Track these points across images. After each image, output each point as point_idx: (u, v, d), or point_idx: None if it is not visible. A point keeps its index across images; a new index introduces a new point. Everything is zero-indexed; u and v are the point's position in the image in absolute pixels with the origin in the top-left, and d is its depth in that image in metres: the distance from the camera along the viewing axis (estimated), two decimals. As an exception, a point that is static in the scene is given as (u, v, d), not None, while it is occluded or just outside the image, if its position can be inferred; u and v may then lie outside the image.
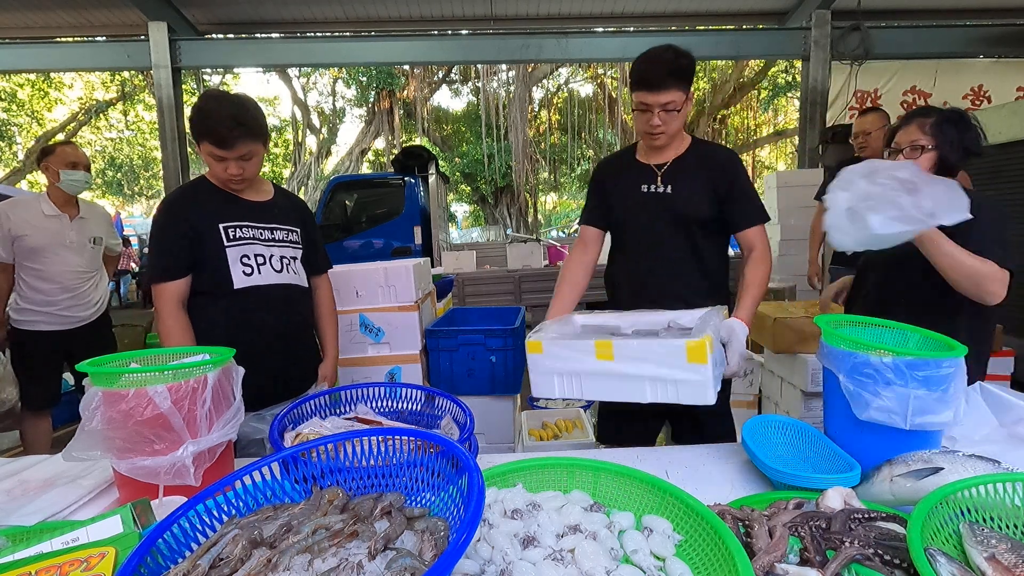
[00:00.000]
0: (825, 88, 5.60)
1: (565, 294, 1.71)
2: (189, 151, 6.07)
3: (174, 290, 1.52)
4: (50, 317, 2.71)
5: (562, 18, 6.22)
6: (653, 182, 1.66)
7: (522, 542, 0.78)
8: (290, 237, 1.69)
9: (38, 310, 2.69)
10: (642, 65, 1.51)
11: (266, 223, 1.64)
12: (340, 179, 8.22)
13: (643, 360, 1.15)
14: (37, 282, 2.67)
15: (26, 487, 1.16)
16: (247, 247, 1.58)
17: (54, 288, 2.69)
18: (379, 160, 18.74)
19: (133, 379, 1.01)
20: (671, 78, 1.48)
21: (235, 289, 1.56)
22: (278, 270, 1.63)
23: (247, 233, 1.59)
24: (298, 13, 5.94)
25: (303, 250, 1.74)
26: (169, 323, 1.51)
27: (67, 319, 2.75)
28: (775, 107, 17.78)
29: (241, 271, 1.57)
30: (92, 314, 2.86)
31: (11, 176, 14.81)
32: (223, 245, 1.55)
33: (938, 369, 1.02)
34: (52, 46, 5.84)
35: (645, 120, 1.56)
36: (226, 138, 1.47)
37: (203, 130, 1.48)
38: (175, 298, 1.52)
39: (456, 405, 1.34)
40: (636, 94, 1.54)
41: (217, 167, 1.53)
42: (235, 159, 1.50)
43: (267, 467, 0.83)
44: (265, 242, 1.62)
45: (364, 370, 2.58)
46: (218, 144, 1.48)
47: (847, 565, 0.73)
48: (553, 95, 19.12)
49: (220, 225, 1.55)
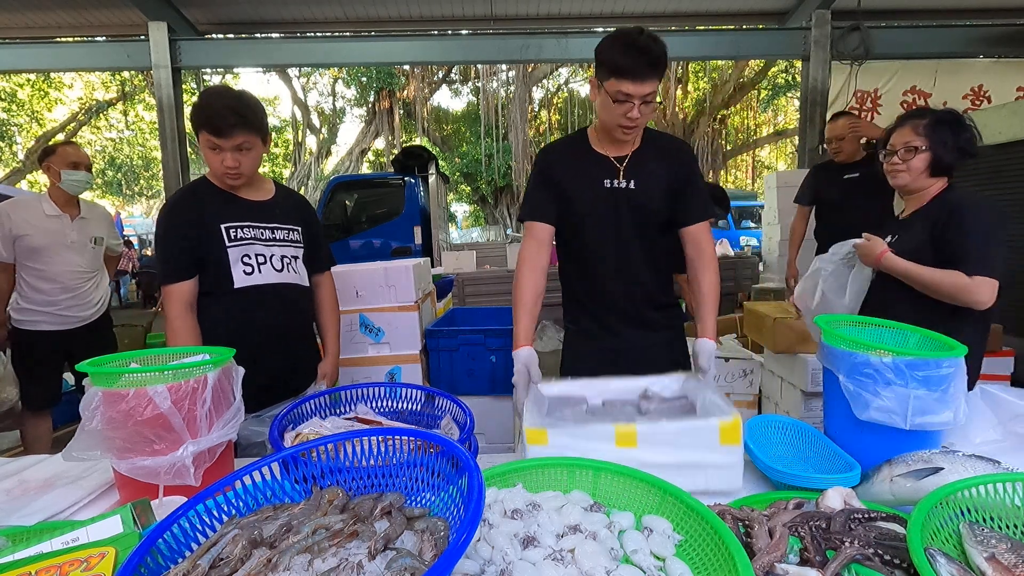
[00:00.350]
0: (825, 88, 5.60)
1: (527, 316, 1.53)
2: (189, 151, 6.08)
3: (182, 291, 1.52)
4: (51, 317, 2.71)
5: (562, 18, 6.21)
6: (615, 176, 1.54)
7: (522, 542, 0.78)
8: (291, 236, 1.69)
9: (39, 310, 2.69)
10: (623, 52, 1.37)
11: (267, 223, 1.64)
12: (340, 179, 8.23)
13: (671, 445, 1.01)
14: (38, 282, 2.67)
15: (26, 487, 1.17)
16: (248, 247, 1.58)
17: (55, 288, 2.70)
18: (379, 160, 18.74)
19: (133, 379, 1.01)
20: (654, 68, 1.37)
21: (235, 288, 1.56)
22: (279, 269, 1.63)
23: (248, 233, 1.59)
24: (298, 13, 5.94)
25: (305, 248, 1.74)
26: (176, 324, 1.51)
27: (68, 319, 2.75)
28: (775, 107, 17.80)
29: (242, 270, 1.57)
30: (93, 314, 2.86)
31: (11, 176, 14.81)
32: (224, 245, 1.55)
33: (938, 369, 1.02)
34: (52, 46, 5.84)
35: (622, 112, 1.41)
36: (222, 127, 1.47)
37: (201, 119, 1.48)
38: (183, 299, 1.52)
39: (456, 405, 1.35)
40: (614, 83, 1.38)
41: (214, 159, 1.52)
42: (231, 149, 1.50)
43: (267, 467, 0.83)
44: (266, 242, 1.62)
45: (364, 370, 2.58)
46: (214, 132, 1.47)
47: (847, 565, 0.73)
48: (553, 95, 19.13)
49: (222, 226, 1.55)
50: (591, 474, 0.93)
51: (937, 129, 1.57)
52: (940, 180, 1.63)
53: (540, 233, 1.58)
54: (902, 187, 1.67)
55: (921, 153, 1.58)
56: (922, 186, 1.63)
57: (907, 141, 1.60)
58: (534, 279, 1.54)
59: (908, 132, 1.61)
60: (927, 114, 1.62)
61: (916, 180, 1.62)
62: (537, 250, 1.57)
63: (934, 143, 1.57)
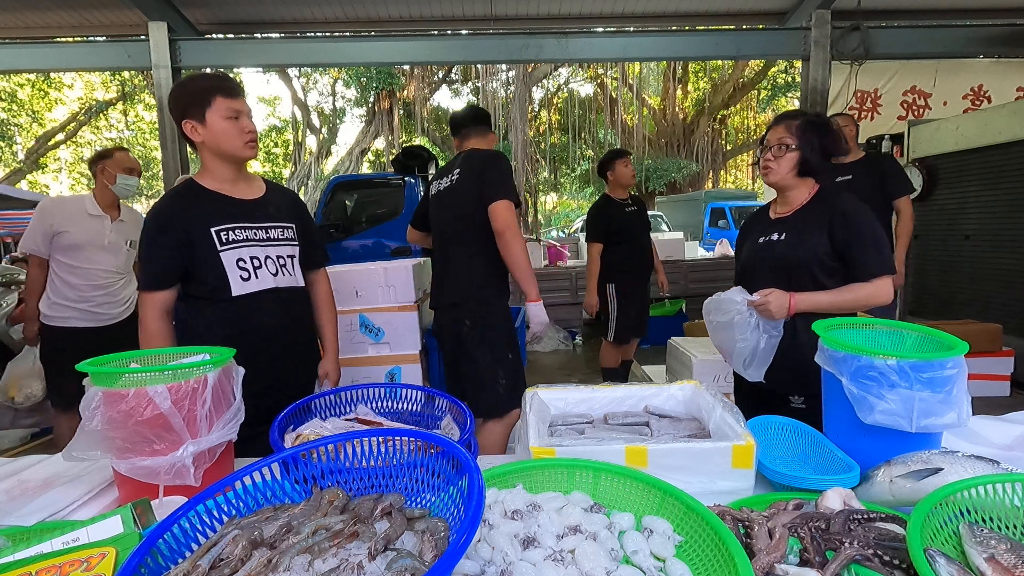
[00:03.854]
0: (825, 88, 5.60)
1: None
2: (189, 151, 6.07)
3: (160, 299, 1.51)
4: (82, 314, 2.72)
5: (562, 18, 6.21)
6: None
7: (522, 543, 0.78)
8: (285, 235, 1.65)
9: (71, 306, 2.70)
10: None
11: (259, 222, 1.60)
12: (340, 179, 8.21)
13: (682, 468, 0.99)
14: (71, 278, 2.69)
15: (25, 487, 1.16)
16: (242, 250, 1.54)
17: (87, 285, 2.72)
18: (379, 160, 18.73)
19: (133, 379, 1.01)
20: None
21: (233, 296, 1.53)
22: (274, 273, 1.60)
23: (240, 235, 1.55)
24: (298, 13, 5.94)
25: (299, 246, 1.70)
26: (151, 330, 1.50)
27: (99, 316, 2.77)
28: (775, 107, 17.77)
29: (239, 276, 1.53)
30: (123, 311, 2.88)
31: (11, 176, 14.81)
32: (216, 250, 1.51)
33: (942, 370, 1.02)
34: (52, 46, 5.84)
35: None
36: (234, 86, 1.48)
37: (210, 86, 1.48)
38: (159, 307, 1.51)
39: (456, 405, 1.35)
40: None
41: (232, 129, 1.50)
42: (247, 114, 1.50)
43: (267, 468, 0.83)
44: (260, 243, 1.58)
45: (364, 370, 2.58)
46: (231, 93, 1.47)
47: (847, 566, 0.73)
48: (553, 95, 19.12)
49: (212, 229, 1.51)
50: (591, 475, 0.93)
51: (806, 130, 1.61)
52: (808, 180, 1.67)
53: None
54: (772, 184, 1.69)
55: (791, 151, 1.61)
56: (790, 184, 1.66)
57: (780, 138, 1.63)
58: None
59: (782, 130, 1.63)
60: (799, 115, 1.65)
61: (784, 178, 1.65)
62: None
63: (803, 143, 1.60)
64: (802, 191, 1.67)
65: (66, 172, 18.14)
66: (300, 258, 1.70)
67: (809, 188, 1.67)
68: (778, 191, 1.72)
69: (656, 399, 1.32)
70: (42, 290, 2.74)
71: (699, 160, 17.99)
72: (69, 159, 17.91)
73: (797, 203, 1.67)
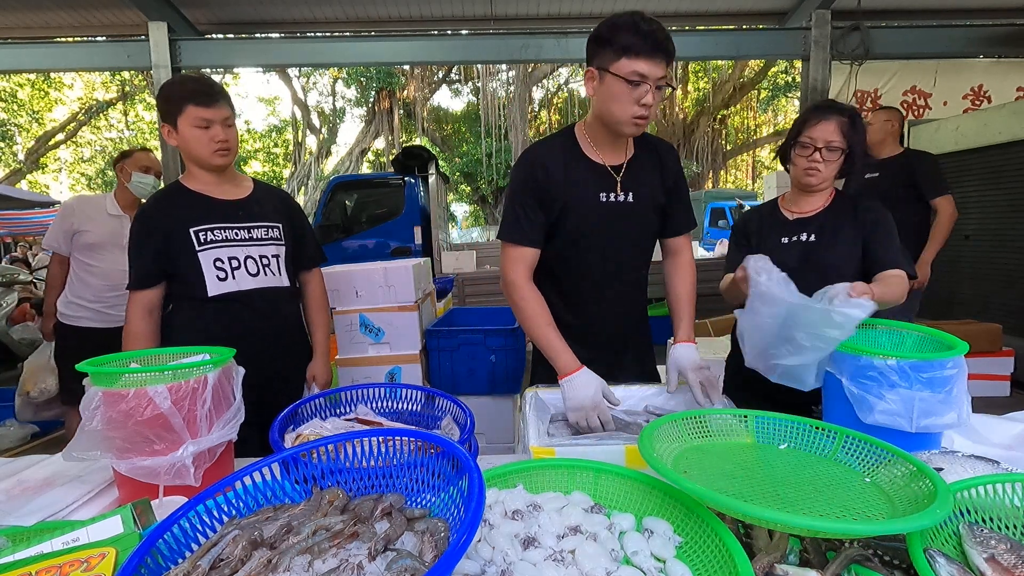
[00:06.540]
0: (825, 88, 5.60)
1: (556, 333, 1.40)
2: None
3: (145, 298, 1.54)
4: (95, 314, 2.73)
5: (562, 18, 6.21)
6: (612, 189, 1.41)
7: (523, 543, 0.78)
8: (270, 234, 1.63)
9: (85, 306, 2.71)
10: (633, 31, 1.21)
11: (242, 222, 1.59)
12: (340, 179, 8.22)
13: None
14: (89, 277, 2.70)
15: (24, 487, 1.16)
16: (220, 250, 1.54)
17: (103, 285, 2.72)
18: (379, 160, 18.74)
19: (133, 379, 1.01)
20: (665, 49, 1.22)
21: (209, 297, 1.53)
22: (254, 273, 1.58)
23: (219, 235, 1.55)
24: (298, 13, 5.93)
25: (288, 246, 1.67)
26: (135, 329, 1.52)
27: (111, 317, 2.77)
28: (775, 107, 17.80)
29: (215, 276, 1.53)
30: None
31: (11, 176, 14.81)
32: (195, 250, 1.52)
33: (942, 370, 1.02)
34: (52, 46, 5.83)
35: (636, 97, 1.24)
36: (209, 93, 1.47)
37: (185, 93, 1.47)
38: (144, 306, 1.54)
39: (456, 405, 1.34)
40: (627, 63, 1.22)
41: (202, 138, 1.49)
42: (220, 122, 1.49)
43: (267, 468, 0.83)
44: (241, 243, 1.57)
45: (364, 370, 2.59)
46: (205, 102, 1.46)
47: (847, 566, 0.73)
48: (553, 95, 19.13)
49: (191, 229, 1.52)
50: (592, 475, 0.93)
51: (857, 131, 1.46)
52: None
53: (530, 257, 1.44)
54: (814, 186, 1.53)
55: (841, 155, 1.47)
56: (828, 186, 1.56)
57: (830, 140, 1.46)
58: (537, 294, 1.43)
59: (832, 131, 1.45)
60: (847, 111, 1.48)
61: (825, 182, 1.52)
62: (526, 274, 1.44)
63: (852, 144, 1.47)
64: (829, 191, 1.58)
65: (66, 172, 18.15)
66: (289, 258, 1.68)
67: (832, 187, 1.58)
68: (807, 191, 1.57)
69: (656, 399, 1.32)
70: (62, 287, 2.76)
71: (699, 160, 18.01)
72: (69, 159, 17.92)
73: (820, 203, 1.57)
